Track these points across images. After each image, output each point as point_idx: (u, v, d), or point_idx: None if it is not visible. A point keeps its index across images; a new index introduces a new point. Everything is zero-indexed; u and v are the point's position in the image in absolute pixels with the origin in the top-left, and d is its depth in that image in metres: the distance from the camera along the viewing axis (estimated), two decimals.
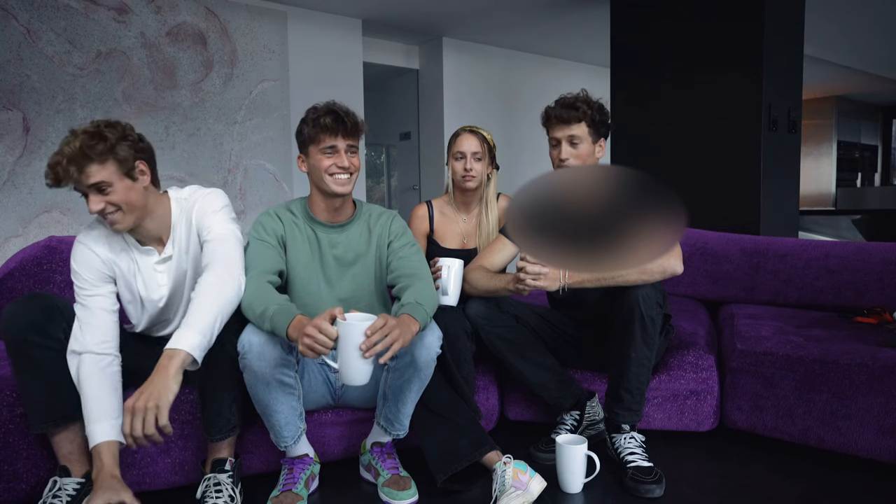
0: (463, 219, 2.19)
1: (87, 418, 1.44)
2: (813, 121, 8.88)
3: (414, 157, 5.91)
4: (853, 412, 1.77)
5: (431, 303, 1.59)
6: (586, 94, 1.91)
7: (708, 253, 2.67)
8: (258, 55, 4.37)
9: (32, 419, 1.49)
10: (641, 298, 1.68)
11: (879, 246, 2.39)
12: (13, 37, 3.48)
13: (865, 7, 4.91)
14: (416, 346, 1.55)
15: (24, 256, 2.10)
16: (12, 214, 3.51)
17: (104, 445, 1.42)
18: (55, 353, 1.49)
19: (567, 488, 1.65)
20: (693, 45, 3.73)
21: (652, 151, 3.96)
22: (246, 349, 1.48)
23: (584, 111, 1.86)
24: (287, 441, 1.61)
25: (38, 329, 1.47)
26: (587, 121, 1.86)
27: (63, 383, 1.49)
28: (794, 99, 3.70)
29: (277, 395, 1.55)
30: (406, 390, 1.62)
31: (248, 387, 1.54)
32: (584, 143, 1.87)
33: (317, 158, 1.68)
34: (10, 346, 1.47)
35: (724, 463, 1.86)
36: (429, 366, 1.59)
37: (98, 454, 1.41)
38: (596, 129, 1.89)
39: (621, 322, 1.71)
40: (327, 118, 1.66)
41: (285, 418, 1.58)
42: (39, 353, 1.47)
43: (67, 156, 1.44)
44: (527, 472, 1.56)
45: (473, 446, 1.62)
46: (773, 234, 3.55)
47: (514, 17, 4.94)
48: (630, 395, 1.73)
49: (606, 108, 1.92)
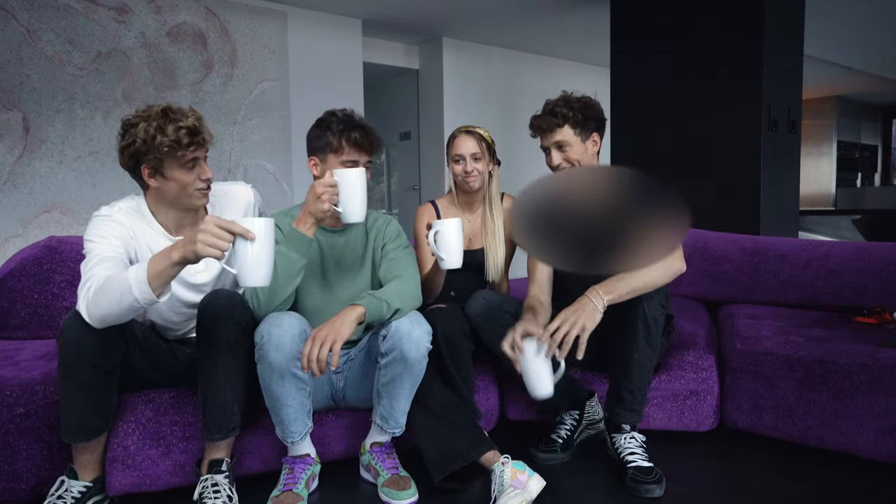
0: (468, 219, 2.17)
1: (123, 287, 1.33)
2: (813, 121, 8.89)
3: (414, 157, 5.91)
4: (853, 412, 1.77)
5: (400, 297, 1.62)
6: (567, 95, 1.88)
7: (708, 253, 2.67)
8: (258, 55, 4.37)
9: (67, 430, 1.48)
10: (645, 299, 1.67)
11: (879, 246, 2.39)
12: (13, 37, 3.48)
13: (865, 7, 4.91)
14: (404, 341, 1.56)
15: (24, 256, 2.10)
16: (12, 214, 3.52)
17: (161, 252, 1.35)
18: (106, 375, 1.48)
19: (535, 392, 1.58)
20: (693, 45, 3.73)
21: (652, 151, 3.96)
22: (265, 339, 1.50)
23: (565, 114, 1.83)
24: (294, 437, 1.61)
25: (99, 351, 1.43)
26: (570, 123, 1.84)
27: (105, 401, 1.50)
28: (794, 99, 3.71)
29: (290, 388, 1.56)
30: (398, 387, 1.62)
31: (262, 378, 1.55)
32: (572, 146, 1.85)
33: (335, 166, 1.68)
34: (66, 361, 1.43)
35: (724, 463, 1.85)
36: (420, 361, 1.60)
37: (165, 253, 1.32)
38: (583, 128, 1.85)
39: (624, 322, 1.71)
40: (357, 133, 1.66)
41: (295, 413, 1.59)
42: (93, 374, 1.45)
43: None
44: (525, 471, 1.56)
45: (471, 446, 1.63)
46: (773, 234, 3.55)
47: (514, 17, 4.94)
48: (632, 396, 1.73)
49: (593, 103, 1.88)
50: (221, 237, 1.26)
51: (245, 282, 1.31)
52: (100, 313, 1.36)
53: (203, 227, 1.27)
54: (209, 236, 1.26)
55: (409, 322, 1.59)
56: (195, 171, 1.57)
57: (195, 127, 1.52)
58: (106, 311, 1.35)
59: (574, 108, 1.84)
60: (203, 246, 1.26)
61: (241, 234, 1.28)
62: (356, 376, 1.78)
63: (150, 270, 1.31)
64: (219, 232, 1.26)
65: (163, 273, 1.31)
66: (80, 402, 1.46)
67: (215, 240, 1.26)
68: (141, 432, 1.61)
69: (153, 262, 1.32)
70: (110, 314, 1.35)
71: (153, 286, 1.30)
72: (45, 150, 3.59)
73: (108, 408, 1.52)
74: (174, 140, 1.48)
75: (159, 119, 1.50)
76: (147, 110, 1.53)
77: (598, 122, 1.89)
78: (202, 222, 1.28)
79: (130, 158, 1.53)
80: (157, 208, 1.63)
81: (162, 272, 1.31)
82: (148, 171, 1.54)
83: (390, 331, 1.59)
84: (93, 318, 1.37)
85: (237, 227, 1.28)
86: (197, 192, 1.59)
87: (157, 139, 1.48)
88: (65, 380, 1.44)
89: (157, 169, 1.53)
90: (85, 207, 3.73)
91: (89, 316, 1.37)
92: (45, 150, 3.59)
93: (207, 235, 1.26)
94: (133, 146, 1.50)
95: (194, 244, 1.26)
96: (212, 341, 1.51)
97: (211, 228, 1.26)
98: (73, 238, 2.21)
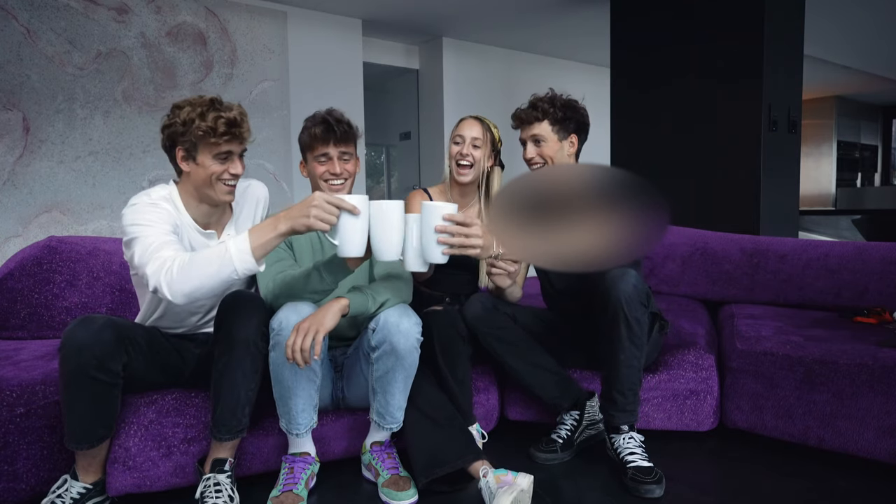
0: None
1: (222, 259, 1.39)
2: (813, 121, 8.89)
3: (414, 157, 5.91)
4: (853, 412, 1.77)
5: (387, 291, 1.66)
6: (552, 93, 1.92)
7: (708, 253, 2.67)
8: (258, 55, 4.37)
9: (70, 438, 1.48)
10: (624, 300, 1.67)
11: (879, 246, 2.39)
12: (13, 37, 3.48)
13: (865, 7, 4.91)
14: (393, 333, 1.58)
15: (24, 256, 2.10)
16: (12, 214, 3.52)
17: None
18: (108, 386, 1.47)
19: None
20: (693, 45, 3.73)
21: (652, 151, 3.96)
22: (282, 326, 1.52)
23: (545, 110, 1.87)
24: (300, 429, 1.62)
25: (100, 365, 1.43)
26: (549, 119, 1.88)
27: (108, 410, 1.50)
28: (794, 99, 3.70)
29: (301, 379, 1.57)
30: (391, 380, 1.63)
31: (274, 366, 1.55)
32: (547, 142, 1.88)
33: (313, 165, 1.78)
34: (67, 372, 1.43)
35: (724, 463, 1.86)
36: (410, 353, 1.61)
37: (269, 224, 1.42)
38: (561, 126, 1.89)
39: (606, 324, 1.71)
40: (317, 128, 1.75)
41: (303, 404, 1.60)
42: (94, 386, 1.45)
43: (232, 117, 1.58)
44: (507, 473, 1.56)
45: (457, 454, 1.63)
46: (773, 234, 3.55)
47: (514, 17, 4.94)
48: (623, 397, 1.73)
49: (578, 106, 1.92)
50: (332, 212, 1.39)
51: (346, 252, 1.44)
52: (189, 287, 1.40)
53: (315, 202, 1.38)
54: (321, 211, 1.38)
55: (397, 314, 1.60)
56: (227, 164, 1.60)
57: (235, 119, 1.56)
58: (198, 285, 1.40)
59: (556, 105, 1.89)
60: (315, 220, 1.38)
61: (350, 209, 1.40)
62: (353, 376, 1.78)
63: (252, 241, 1.40)
64: (329, 208, 1.39)
65: (266, 244, 1.40)
66: (83, 412, 1.46)
67: (327, 215, 1.38)
68: (143, 434, 1.61)
69: (255, 233, 1.41)
70: (202, 287, 1.40)
71: (256, 256, 1.40)
72: (45, 150, 3.59)
73: (112, 416, 1.52)
74: (211, 127, 1.53)
75: (204, 106, 1.56)
76: (197, 97, 1.59)
77: (580, 124, 1.93)
78: (311, 198, 1.40)
79: (168, 139, 1.60)
80: (187, 201, 1.66)
81: (266, 243, 1.40)
82: (182, 153, 1.60)
83: (378, 324, 1.60)
84: (179, 293, 1.40)
85: (346, 203, 1.40)
86: (222, 184, 1.61)
87: (196, 123, 1.54)
88: (67, 391, 1.44)
89: (189, 152, 1.59)
90: (85, 207, 3.73)
91: (173, 293, 1.40)
92: (45, 150, 3.59)
93: (320, 211, 1.38)
94: (173, 126, 1.58)
95: (307, 218, 1.38)
96: (232, 341, 1.51)
97: (323, 204, 1.38)
98: (73, 238, 2.21)
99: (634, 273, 1.72)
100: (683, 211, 3.55)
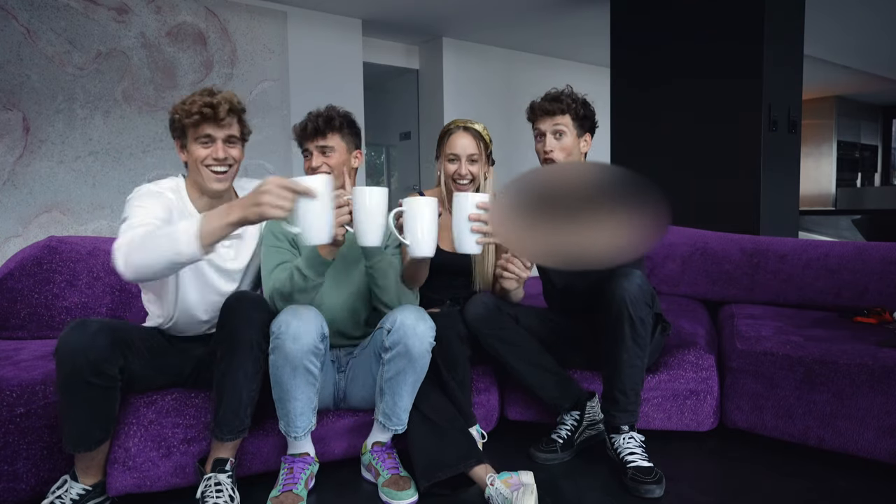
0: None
1: (171, 238, 1.32)
2: (813, 121, 8.88)
3: (414, 157, 5.91)
4: (853, 412, 1.77)
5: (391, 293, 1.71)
6: (571, 90, 1.93)
7: (708, 253, 2.67)
8: (258, 55, 4.37)
9: (68, 441, 1.47)
10: (629, 299, 1.67)
11: (879, 246, 2.39)
12: (13, 37, 3.48)
13: (865, 7, 4.91)
14: (410, 335, 1.57)
15: (24, 256, 2.10)
16: (12, 214, 3.52)
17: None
18: (105, 390, 1.46)
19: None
20: (693, 45, 3.73)
21: (652, 151, 3.96)
22: (283, 329, 1.50)
23: (569, 104, 1.88)
24: (298, 432, 1.61)
25: (95, 370, 1.41)
26: (571, 114, 1.89)
27: (105, 413, 1.49)
28: (794, 99, 3.70)
29: (301, 382, 1.56)
30: (401, 382, 1.63)
31: (274, 369, 1.54)
32: (568, 136, 1.89)
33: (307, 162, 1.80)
34: (62, 377, 1.42)
35: (724, 463, 1.85)
36: (423, 356, 1.61)
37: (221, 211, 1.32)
38: (580, 123, 1.90)
39: (610, 324, 1.71)
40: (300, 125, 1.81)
41: (302, 407, 1.59)
42: (90, 390, 1.44)
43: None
44: (512, 475, 1.56)
45: (459, 459, 1.62)
46: (773, 234, 3.55)
47: (514, 17, 4.94)
48: (624, 397, 1.73)
49: (591, 104, 1.94)
50: (285, 197, 1.26)
51: (309, 240, 1.32)
52: (136, 263, 1.33)
53: (265, 187, 1.25)
54: (273, 197, 1.25)
55: (414, 317, 1.60)
56: (209, 148, 1.59)
57: (212, 103, 1.55)
58: (143, 262, 1.32)
59: (577, 101, 1.91)
60: (268, 207, 1.25)
61: (305, 192, 1.27)
62: (358, 375, 1.78)
63: (202, 226, 1.30)
64: (282, 192, 1.26)
65: (215, 232, 1.30)
66: (80, 416, 1.46)
67: (280, 200, 1.25)
68: (142, 434, 1.61)
69: (207, 219, 1.31)
70: (147, 266, 1.33)
71: (203, 243, 1.29)
72: (44, 150, 3.59)
73: (109, 418, 1.51)
74: (187, 109, 1.54)
75: (196, 94, 1.56)
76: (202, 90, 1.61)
77: (593, 124, 1.96)
78: (263, 183, 1.26)
79: (171, 131, 1.64)
80: (192, 193, 1.66)
81: (215, 231, 1.30)
82: (178, 143, 1.62)
83: (395, 325, 1.59)
84: (129, 268, 1.34)
85: (300, 185, 1.27)
86: (208, 171, 1.59)
87: (181, 110, 1.55)
88: (63, 394, 1.44)
89: (182, 141, 1.61)
90: (85, 207, 3.73)
91: (125, 267, 1.34)
92: (45, 150, 3.59)
93: (272, 196, 1.25)
94: (171, 118, 1.61)
95: (259, 206, 1.25)
96: (235, 342, 1.51)
97: (274, 189, 1.25)
98: (73, 238, 2.22)
99: (639, 273, 1.72)
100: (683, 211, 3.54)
